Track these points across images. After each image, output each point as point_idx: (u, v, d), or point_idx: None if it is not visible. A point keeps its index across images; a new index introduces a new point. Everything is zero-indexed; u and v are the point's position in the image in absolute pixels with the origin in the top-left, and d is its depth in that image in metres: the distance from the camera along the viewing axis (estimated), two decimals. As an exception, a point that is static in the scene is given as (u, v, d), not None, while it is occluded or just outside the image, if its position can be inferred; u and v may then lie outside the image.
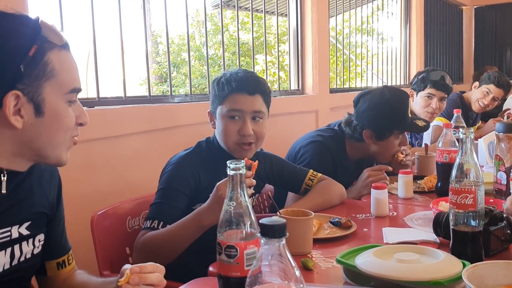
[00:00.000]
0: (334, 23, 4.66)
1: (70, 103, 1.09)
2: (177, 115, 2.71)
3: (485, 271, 1.09)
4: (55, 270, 1.28)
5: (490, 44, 7.98)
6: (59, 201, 1.29)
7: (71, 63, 1.09)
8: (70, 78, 1.07)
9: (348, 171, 2.35)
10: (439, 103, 2.97)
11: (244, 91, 1.72)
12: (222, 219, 0.96)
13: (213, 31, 7.45)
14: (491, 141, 2.70)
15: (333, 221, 1.70)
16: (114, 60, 2.51)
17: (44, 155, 1.09)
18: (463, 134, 1.29)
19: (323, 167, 2.17)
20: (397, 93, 2.29)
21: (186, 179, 1.67)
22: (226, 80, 1.74)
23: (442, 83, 2.95)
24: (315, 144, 2.28)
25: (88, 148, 2.19)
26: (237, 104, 1.71)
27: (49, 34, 1.03)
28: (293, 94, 3.98)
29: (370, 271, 1.13)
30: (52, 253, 1.27)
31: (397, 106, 2.23)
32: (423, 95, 2.98)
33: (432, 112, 2.98)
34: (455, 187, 1.28)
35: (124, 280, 0.98)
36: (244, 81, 1.74)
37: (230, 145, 1.74)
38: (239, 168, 0.96)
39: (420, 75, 3.03)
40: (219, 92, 1.74)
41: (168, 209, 1.60)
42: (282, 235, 0.75)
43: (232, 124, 1.71)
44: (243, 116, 1.72)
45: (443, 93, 2.97)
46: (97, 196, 2.20)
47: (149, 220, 1.58)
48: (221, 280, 0.97)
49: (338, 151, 2.31)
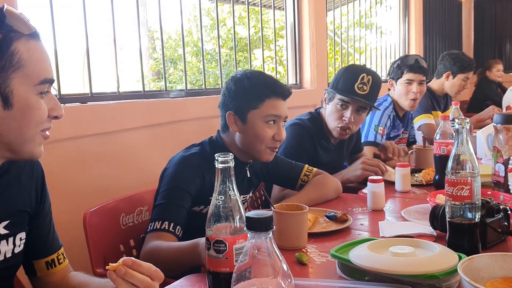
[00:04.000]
0: (332, 17, 4.63)
1: (42, 95, 1.04)
2: (172, 111, 2.68)
3: (481, 264, 1.07)
4: (45, 270, 1.23)
5: (490, 36, 7.95)
6: (44, 196, 1.23)
7: (41, 53, 1.03)
8: (40, 69, 1.02)
9: (330, 151, 2.37)
10: (419, 87, 2.93)
11: (281, 96, 1.71)
12: (211, 213, 0.94)
13: (210, 26, 7.42)
14: (490, 133, 2.68)
15: (329, 215, 1.68)
16: (110, 57, 2.48)
17: (15, 149, 1.04)
18: (459, 125, 1.27)
19: (302, 148, 2.22)
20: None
21: (191, 179, 1.62)
22: (262, 82, 1.69)
23: (418, 65, 2.93)
24: (293, 126, 2.30)
25: (81, 144, 2.17)
26: (276, 109, 1.69)
27: (15, 23, 0.98)
28: (291, 89, 3.94)
29: (365, 265, 1.11)
30: (39, 251, 1.23)
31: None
32: (402, 82, 2.96)
33: (414, 98, 2.94)
34: (451, 179, 1.25)
35: (113, 266, 0.93)
36: (279, 86, 1.72)
37: (262, 149, 1.71)
38: (228, 161, 0.93)
39: (395, 63, 3.04)
40: (253, 94, 1.68)
41: (176, 210, 1.53)
42: (268, 228, 0.73)
43: (269, 129, 1.69)
44: (278, 122, 1.71)
45: (421, 75, 2.94)
46: (91, 192, 2.17)
47: (157, 222, 1.49)
48: (210, 276, 0.94)
49: (317, 132, 2.33)
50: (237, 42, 3.50)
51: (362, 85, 2.20)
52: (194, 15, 7.19)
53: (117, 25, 2.50)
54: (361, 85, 2.20)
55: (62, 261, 1.26)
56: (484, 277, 1.05)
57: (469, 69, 3.75)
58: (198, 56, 7.47)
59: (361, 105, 2.22)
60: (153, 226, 1.49)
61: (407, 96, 2.94)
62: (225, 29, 7.38)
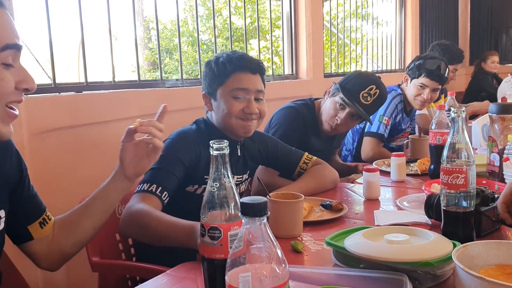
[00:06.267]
0: (329, 8, 4.61)
1: (5, 66, 0.95)
2: (167, 100, 2.65)
3: (476, 251, 1.08)
4: (39, 230, 1.23)
5: (486, 28, 7.94)
6: (21, 170, 1.20)
7: (1, 20, 0.95)
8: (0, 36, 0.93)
9: (321, 139, 2.38)
10: (431, 94, 2.86)
11: (247, 69, 1.70)
12: (206, 200, 0.94)
13: (206, 16, 7.37)
14: (485, 124, 2.68)
15: (324, 204, 1.68)
16: (106, 46, 2.47)
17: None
18: (455, 113, 1.27)
19: (294, 131, 2.24)
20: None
21: (187, 150, 1.64)
22: (227, 59, 1.70)
23: (437, 73, 2.82)
24: (287, 109, 2.33)
25: (76, 134, 2.16)
26: (242, 83, 1.68)
27: None
28: (287, 79, 3.94)
29: (360, 252, 1.11)
30: (31, 216, 1.23)
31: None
32: (416, 84, 2.87)
33: (423, 101, 2.90)
34: (446, 167, 1.25)
35: (136, 125, 1.24)
36: (246, 60, 1.72)
37: (233, 123, 1.71)
38: (223, 148, 0.93)
39: (417, 61, 2.91)
40: (219, 72, 1.70)
41: (166, 175, 1.54)
42: (263, 213, 0.73)
43: (238, 104, 1.69)
44: (248, 96, 1.70)
45: (437, 83, 2.85)
46: (86, 182, 2.16)
47: (145, 184, 1.50)
48: (205, 262, 0.94)
49: (311, 118, 2.34)
50: (233, 32, 3.48)
51: (367, 95, 2.20)
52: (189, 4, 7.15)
53: (112, 14, 2.48)
54: (366, 95, 2.20)
55: (50, 218, 1.28)
56: (478, 265, 1.06)
57: (458, 61, 3.73)
58: (194, 46, 7.44)
59: (358, 113, 2.21)
60: (141, 187, 1.50)
61: (416, 97, 2.90)
62: (220, 19, 7.34)
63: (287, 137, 2.16)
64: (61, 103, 2.13)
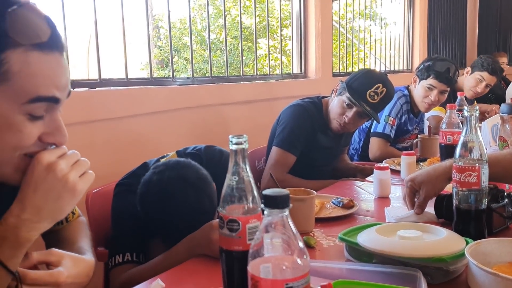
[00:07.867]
0: (337, 8, 4.62)
1: (31, 117, 0.87)
2: (178, 98, 2.70)
3: (488, 248, 1.09)
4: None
5: (494, 29, 7.92)
6: None
7: (43, 67, 0.86)
8: (32, 85, 0.85)
9: (329, 136, 2.39)
10: (439, 96, 2.85)
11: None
12: (225, 193, 0.96)
13: (215, 15, 7.40)
14: (495, 124, 2.69)
15: (335, 201, 1.70)
16: (116, 43, 2.49)
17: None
18: (468, 112, 1.28)
19: (302, 128, 2.27)
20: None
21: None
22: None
23: (446, 75, 2.81)
24: (295, 107, 2.36)
25: (89, 129, 2.19)
26: None
27: (18, 28, 0.82)
28: (296, 78, 3.96)
29: (373, 248, 1.12)
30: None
31: None
32: (424, 85, 2.86)
33: (430, 104, 2.89)
34: (459, 165, 1.27)
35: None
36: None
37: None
38: (242, 143, 0.95)
39: (427, 63, 2.90)
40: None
41: None
42: (285, 205, 0.74)
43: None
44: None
45: (445, 86, 2.83)
46: (98, 177, 2.18)
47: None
48: (223, 254, 0.96)
49: (318, 116, 2.36)
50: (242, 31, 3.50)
51: (374, 94, 2.20)
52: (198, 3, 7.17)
53: (124, 12, 2.50)
54: (373, 94, 2.20)
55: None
56: (490, 262, 1.07)
57: (496, 76, 3.73)
58: (202, 45, 7.46)
59: (365, 112, 2.23)
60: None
61: (423, 99, 2.89)
62: (229, 18, 7.37)
63: (294, 134, 2.19)
64: (75, 99, 2.14)
